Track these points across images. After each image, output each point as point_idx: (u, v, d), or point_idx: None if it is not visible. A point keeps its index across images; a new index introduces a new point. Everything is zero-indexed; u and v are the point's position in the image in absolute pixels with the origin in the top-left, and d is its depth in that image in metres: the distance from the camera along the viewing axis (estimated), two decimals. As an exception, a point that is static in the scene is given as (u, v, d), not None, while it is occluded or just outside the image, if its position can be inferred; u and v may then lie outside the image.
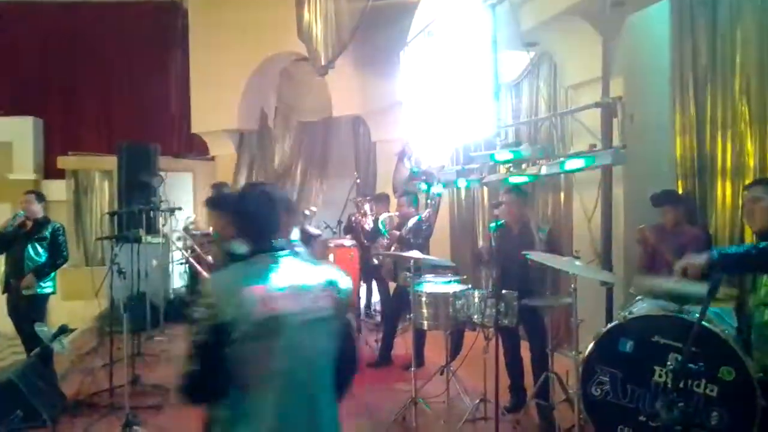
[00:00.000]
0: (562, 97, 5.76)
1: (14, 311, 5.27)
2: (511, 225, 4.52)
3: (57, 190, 9.97)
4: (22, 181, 9.72)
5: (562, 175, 5.57)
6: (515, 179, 5.27)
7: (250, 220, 1.91)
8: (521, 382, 4.55)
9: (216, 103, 9.79)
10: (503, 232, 4.45)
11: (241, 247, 1.94)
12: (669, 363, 2.70)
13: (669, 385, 2.22)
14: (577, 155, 4.33)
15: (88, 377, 5.17)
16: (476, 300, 4.09)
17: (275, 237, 1.91)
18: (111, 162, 8.81)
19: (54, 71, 10.75)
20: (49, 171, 10.53)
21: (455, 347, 4.68)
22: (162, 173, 8.23)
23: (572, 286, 3.67)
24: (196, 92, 10.14)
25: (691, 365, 2.25)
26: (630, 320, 3.03)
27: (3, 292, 5.38)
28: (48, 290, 5.27)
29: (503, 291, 3.98)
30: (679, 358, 2.17)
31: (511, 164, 5.19)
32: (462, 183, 6.02)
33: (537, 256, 3.88)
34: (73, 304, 7.20)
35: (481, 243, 6.75)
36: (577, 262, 3.68)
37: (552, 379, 4.09)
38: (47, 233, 5.26)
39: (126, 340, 4.62)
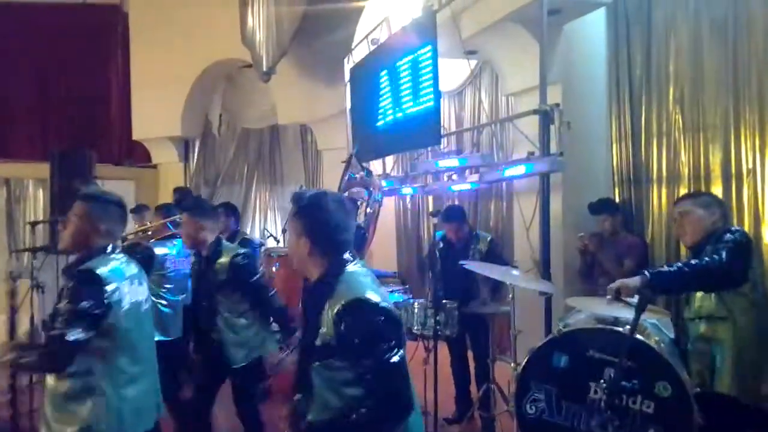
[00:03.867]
0: (503, 105, 5.77)
1: None
2: (453, 238, 4.48)
3: (-13, 199, 9.46)
4: (-52, 190, 9.17)
5: (504, 184, 5.58)
6: (457, 186, 5.26)
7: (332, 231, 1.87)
8: (467, 392, 4.49)
9: (158, 110, 9.46)
10: (446, 243, 4.40)
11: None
12: (604, 379, 2.58)
13: (604, 403, 2.10)
14: (516, 163, 4.33)
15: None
16: (416, 310, 4.00)
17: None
18: (45, 169, 8.38)
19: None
20: (-22, 179, 9.97)
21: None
22: (100, 181, 7.86)
23: (510, 295, 3.63)
24: (138, 98, 9.78)
25: (624, 383, 2.17)
26: (564, 334, 2.92)
27: None
28: None
29: (443, 301, 3.92)
30: (614, 373, 2.07)
31: (453, 171, 5.16)
32: (407, 190, 5.97)
33: (476, 265, 3.83)
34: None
35: (425, 251, 6.70)
36: (515, 272, 3.64)
37: (492, 390, 4.04)
38: None
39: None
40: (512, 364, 3.52)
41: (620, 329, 2.76)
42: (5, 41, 10.08)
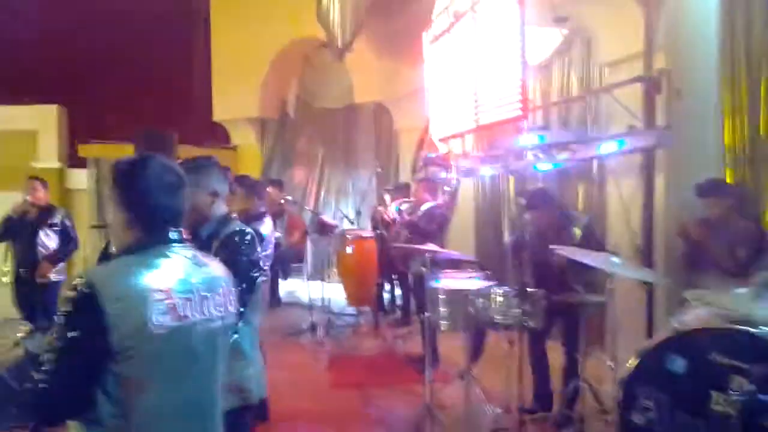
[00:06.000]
0: (597, 75, 5.28)
1: (25, 301, 5.11)
2: (542, 226, 4.10)
3: (80, 179, 9.90)
4: (46, 169, 9.64)
5: (594, 163, 5.11)
6: (543, 166, 4.87)
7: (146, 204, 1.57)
8: (547, 389, 4.15)
9: (237, 91, 9.57)
10: (534, 227, 4.04)
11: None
12: (732, 389, 2.13)
13: (732, 419, 1.71)
14: (615, 137, 3.90)
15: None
16: (499, 298, 3.69)
17: (174, 226, 1.61)
18: (131, 150, 8.64)
19: (78, 60, 10.67)
20: (74, 160, 10.45)
21: (476, 349, 4.30)
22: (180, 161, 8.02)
23: (609, 285, 3.25)
24: (218, 80, 9.93)
25: (762, 396, 1.76)
26: (682, 333, 2.51)
27: (12, 282, 5.24)
28: (62, 278, 5.14)
29: (529, 289, 3.59)
30: (746, 383, 1.67)
31: (538, 149, 4.77)
32: (486, 171, 5.63)
33: (569, 251, 3.47)
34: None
35: (507, 236, 6.34)
36: (615, 259, 3.26)
37: (582, 388, 3.69)
38: (57, 220, 5.15)
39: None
40: (609, 363, 3.15)
41: (754, 330, 2.31)
42: (99, 27, 10.48)
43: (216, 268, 1.70)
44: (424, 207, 5.46)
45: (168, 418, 1.50)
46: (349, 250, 6.56)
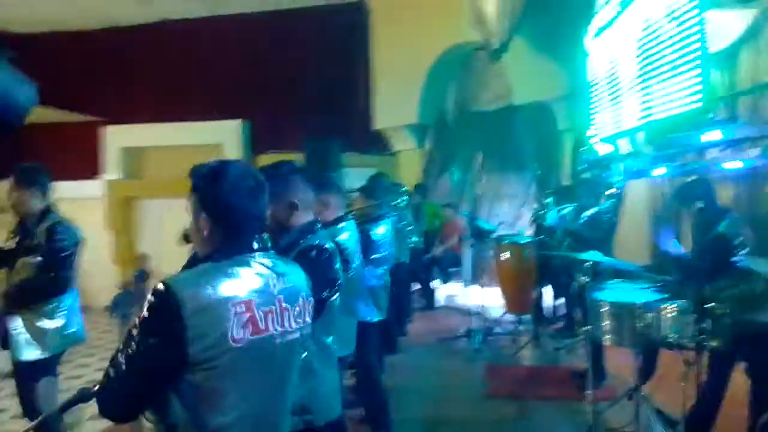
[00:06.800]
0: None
1: None
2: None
3: (260, 187, 10.80)
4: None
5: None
6: (729, 165, 4.32)
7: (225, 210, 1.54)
8: (711, 417, 3.61)
9: (397, 99, 9.81)
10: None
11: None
12: None
13: None
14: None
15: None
16: (672, 314, 3.32)
17: (255, 232, 1.57)
18: (301, 159, 9.24)
19: (257, 76, 11.67)
20: (253, 169, 11.42)
21: (648, 368, 3.93)
22: (345, 169, 8.44)
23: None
24: (379, 88, 10.26)
25: None
26: None
27: None
28: None
29: (709, 304, 3.18)
30: None
31: (722, 147, 4.23)
32: (660, 171, 5.13)
33: (755, 262, 3.02)
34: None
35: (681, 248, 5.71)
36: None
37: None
38: None
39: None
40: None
41: None
42: (273, 46, 11.38)
43: (297, 277, 1.65)
44: (588, 212, 5.14)
45: (238, 430, 1.45)
46: (506, 256, 6.37)
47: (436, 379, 5.24)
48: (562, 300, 6.54)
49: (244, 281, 1.47)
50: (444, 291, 8.21)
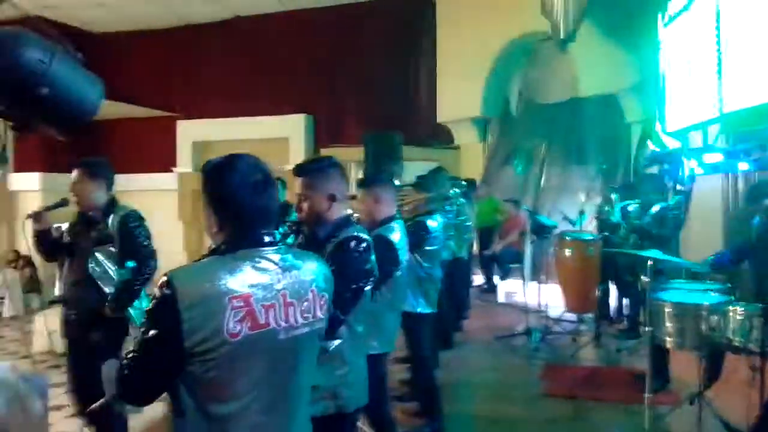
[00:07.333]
0: None
1: None
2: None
3: (321, 181, 10.97)
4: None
5: None
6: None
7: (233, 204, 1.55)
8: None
9: (461, 92, 9.70)
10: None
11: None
12: None
13: None
14: None
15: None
16: (738, 316, 3.15)
17: (264, 226, 1.56)
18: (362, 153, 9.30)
19: (322, 70, 11.83)
20: (317, 162, 11.60)
21: (712, 372, 3.73)
22: (406, 162, 8.42)
23: None
24: (442, 81, 10.18)
25: None
26: None
27: None
28: None
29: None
30: None
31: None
32: (742, 166, 4.85)
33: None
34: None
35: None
36: None
37: None
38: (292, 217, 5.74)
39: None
40: None
41: None
42: (336, 41, 11.50)
43: (307, 271, 1.61)
44: (655, 209, 4.92)
45: (245, 420, 1.46)
46: (568, 252, 6.20)
47: (492, 377, 5.17)
48: (626, 300, 6.31)
49: (245, 276, 1.47)
50: (503, 288, 8.09)
